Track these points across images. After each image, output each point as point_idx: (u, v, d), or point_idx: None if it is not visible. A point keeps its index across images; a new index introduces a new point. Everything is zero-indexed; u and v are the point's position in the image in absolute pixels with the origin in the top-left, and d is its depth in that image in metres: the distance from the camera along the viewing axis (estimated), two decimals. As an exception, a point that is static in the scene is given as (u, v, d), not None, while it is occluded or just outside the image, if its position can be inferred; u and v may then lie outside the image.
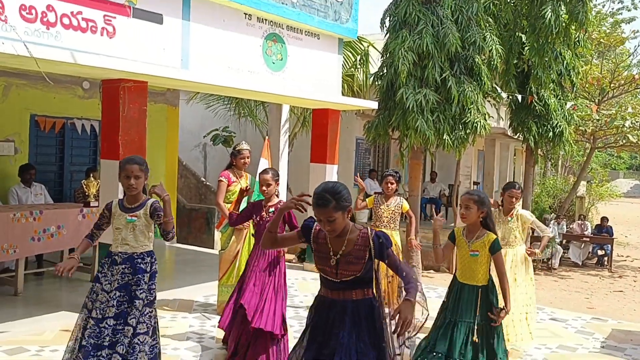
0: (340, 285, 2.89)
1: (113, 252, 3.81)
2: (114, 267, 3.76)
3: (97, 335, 3.61)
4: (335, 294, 2.93)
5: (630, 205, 30.84)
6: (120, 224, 3.80)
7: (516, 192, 5.34)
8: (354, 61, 10.50)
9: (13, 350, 4.77)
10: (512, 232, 5.42)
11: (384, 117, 8.35)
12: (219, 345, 5.14)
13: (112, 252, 3.81)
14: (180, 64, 5.91)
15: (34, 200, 7.48)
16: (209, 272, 7.82)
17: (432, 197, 13.87)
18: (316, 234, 2.95)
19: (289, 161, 8.74)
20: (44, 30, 4.80)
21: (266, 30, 6.87)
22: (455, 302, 4.00)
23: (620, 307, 8.09)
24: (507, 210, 5.42)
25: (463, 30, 8.10)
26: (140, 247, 3.79)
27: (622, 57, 16.83)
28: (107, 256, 3.84)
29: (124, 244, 3.77)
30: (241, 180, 6.12)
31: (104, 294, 3.72)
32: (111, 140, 5.60)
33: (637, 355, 5.51)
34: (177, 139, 10.82)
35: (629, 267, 12.24)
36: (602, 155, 30.35)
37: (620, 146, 13.98)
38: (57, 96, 8.62)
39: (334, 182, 2.96)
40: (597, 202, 17.25)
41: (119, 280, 3.71)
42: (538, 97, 10.05)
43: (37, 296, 6.53)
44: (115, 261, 3.77)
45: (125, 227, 3.78)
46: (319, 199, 2.78)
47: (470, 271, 3.99)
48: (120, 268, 3.73)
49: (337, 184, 2.88)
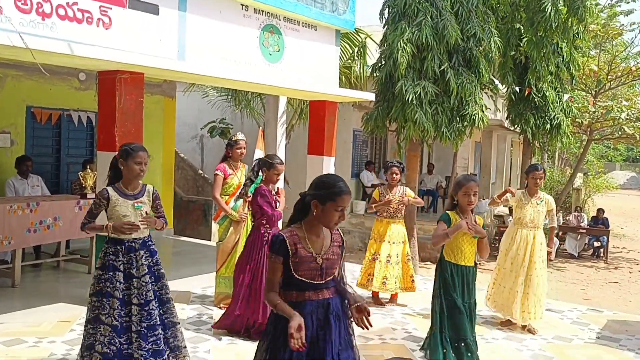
0: (323, 285, 2.86)
1: (126, 239, 3.86)
2: (133, 254, 3.87)
3: (147, 318, 3.83)
4: (316, 294, 2.83)
5: (626, 197, 30.96)
6: (127, 211, 3.84)
7: (539, 174, 5.67)
8: (351, 53, 10.47)
9: (11, 342, 4.78)
10: (540, 215, 5.73)
11: (383, 109, 8.35)
12: (216, 336, 5.15)
13: (124, 239, 3.85)
14: (177, 55, 5.89)
15: (30, 192, 7.47)
16: (207, 264, 7.84)
17: (429, 188, 13.89)
18: (292, 244, 2.79)
19: (286, 153, 8.73)
20: (40, 21, 4.76)
21: (263, 21, 6.83)
22: (461, 285, 4.16)
23: (615, 298, 8.14)
24: (533, 192, 5.73)
25: (463, 22, 8.08)
26: (147, 231, 3.98)
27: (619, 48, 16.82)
28: (117, 244, 3.86)
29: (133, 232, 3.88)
30: (237, 171, 6.11)
31: (136, 280, 3.85)
32: (108, 132, 5.58)
33: (632, 345, 5.56)
34: (174, 130, 10.79)
35: (624, 258, 12.30)
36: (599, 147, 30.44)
37: (616, 138, 14.01)
38: (53, 88, 8.58)
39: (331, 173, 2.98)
40: (593, 194, 17.30)
41: (145, 265, 3.89)
42: (536, 89, 10.06)
43: (35, 288, 6.53)
44: (133, 248, 3.89)
45: (133, 213, 3.86)
46: (346, 188, 2.81)
47: (470, 253, 4.18)
48: (141, 253, 3.89)
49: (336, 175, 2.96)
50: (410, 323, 5.93)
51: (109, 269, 3.84)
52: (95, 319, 3.84)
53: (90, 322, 3.87)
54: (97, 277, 3.88)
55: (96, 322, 3.83)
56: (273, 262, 2.80)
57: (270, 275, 2.81)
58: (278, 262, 2.78)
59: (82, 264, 7.45)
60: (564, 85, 10.80)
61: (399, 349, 5.09)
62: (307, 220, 2.85)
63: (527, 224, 5.74)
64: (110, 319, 3.78)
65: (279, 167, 5.17)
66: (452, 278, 4.16)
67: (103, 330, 3.79)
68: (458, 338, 4.16)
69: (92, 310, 3.86)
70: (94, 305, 3.85)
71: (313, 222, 2.84)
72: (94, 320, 3.85)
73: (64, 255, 7.53)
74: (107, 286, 3.82)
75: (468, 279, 4.20)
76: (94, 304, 3.85)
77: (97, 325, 3.82)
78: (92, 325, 3.85)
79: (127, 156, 3.85)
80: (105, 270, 3.85)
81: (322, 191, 2.77)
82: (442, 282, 4.20)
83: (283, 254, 2.77)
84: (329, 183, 2.80)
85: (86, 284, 6.49)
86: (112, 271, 3.83)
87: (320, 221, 2.83)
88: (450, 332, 4.17)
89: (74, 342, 4.79)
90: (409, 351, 5.03)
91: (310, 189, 2.85)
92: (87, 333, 3.88)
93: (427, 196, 13.81)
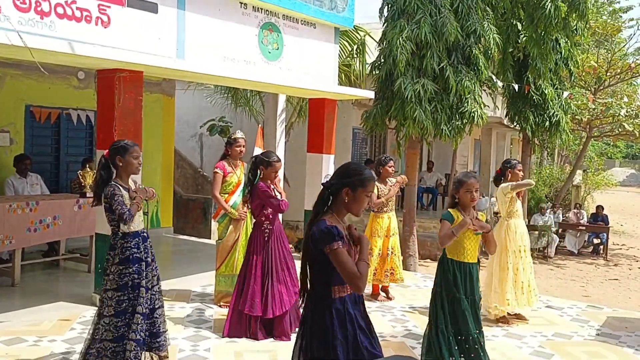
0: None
1: (139, 231, 4.08)
2: (146, 243, 4.12)
3: (149, 300, 4.08)
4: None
5: (626, 194, 30.97)
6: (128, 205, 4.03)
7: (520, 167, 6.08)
8: (350, 51, 10.46)
9: (11, 341, 4.78)
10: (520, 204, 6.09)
11: (382, 106, 8.34)
12: (216, 335, 5.16)
13: (139, 231, 4.07)
14: (176, 54, 5.88)
15: (30, 191, 7.47)
16: (206, 262, 7.84)
17: (428, 186, 13.89)
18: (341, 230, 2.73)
19: (286, 151, 8.73)
20: (38, 20, 4.76)
21: (262, 19, 6.83)
22: (464, 282, 4.19)
23: (615, 295, 8.15)
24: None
25: (462, 19, 8.07)
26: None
27: (618, 45, 16.81)
28: (135, 237, 4.04)
29: (141, 222, 4.13)
30: (237, 170, 6.11)
31: (150, 267, 4.11)
32: (107, 131, 5.58)
33: (631, 342, 5.56)
34: (173, 129, 10.78)
35: (624, 255, 12.31)
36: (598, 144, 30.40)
37: (616, 135, 14.00)
38: (52, 86, 8.57)
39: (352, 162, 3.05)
40: (593, 191, 17.31)
41: (152, 253, 4.17)
42: (535, 87, 10.05)
43: (35, 287, 6.53)
44: (145, 238, 4.14)
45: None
46: (372, 173, 2.85)
47: (472, 250, 4.20)
48: (149, 242, 4.17)
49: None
50: (410, 320, 5.93)
51: (133, 262, 3.97)
52: (124, 311, 3.95)
53: (118, 315, 3.93)
54: (118, 273, 3.96)
55: (127, 313, 3.95)
56: (337, 251, 2.62)
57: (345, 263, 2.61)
58: (342, 247, 2.64)
59: (82, 262, 7.45)
60: (563, 82, 10.79)
61: (399, 347, 5.10)
62: (336, 210, 2.81)
63: (519, 215, 6.03)
64: (141, 307, 3.96)
65: (277, 165, 5.20)
66: (455, 275, 4.16)
67: (136, 319, 3.94)
68: (460, 333, 4.15)
69: (119, 304, 3.94)
70: (121, 299, 3.94)
71: (341, 211, 2.81)
72: (122, 312, 3.94)
73: (64, 254, 7.53)
74: (134, 278, 3.96)
75: (471, 276, 4.21)
76: (121, 297, 3.94)
77: (132, 317, 3.95)
78: (122, 317, 3.94)
79: (124, 152, 3.97)
80: (129, 264, 3.96)
81: (353, 178, 2.77)
82: (445, 280, 4.20)
83: (342, 240, 2.65)
84: (358, 170, 2.82)
85: (86, 283, 6.54)
86: (137, 263, 3.98)
87: (350, 209, 2.79)
88: (453, 327, 4.16)
89: (74, 341, 4.80)
90: (409, 349, 5.04)
91: (335, 177, 2.83)
92: (112, 326, 3.92)
93: (427, 194, 13.81)
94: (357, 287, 2.66)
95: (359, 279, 2.63)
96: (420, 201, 12.75)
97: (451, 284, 4.15)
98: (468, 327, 4.13)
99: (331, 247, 2.63)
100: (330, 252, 2.64)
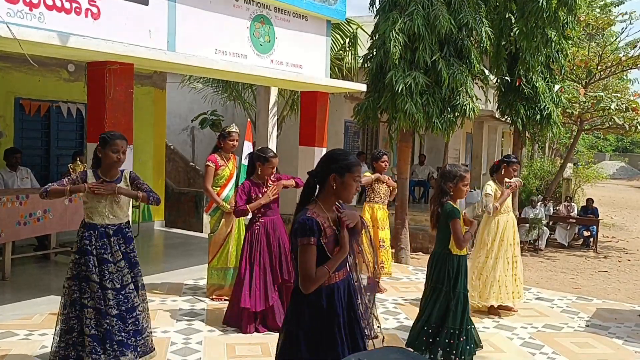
0: (344, 263, 2.78)
1: (100, 224, 3.89)
2: (107, 239, 3.90)
3: (124, 302, 3.89)
4: (343, 273, 2.78)
5: (616, 187, 31.19)
6: (103, 197, 3.87)
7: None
8: (342, 43, 10.43)
9: (2, 335, 4.76)
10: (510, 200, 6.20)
11: (374, 99, 8.33)
12: (208, 327, 5.16)
13: (97, 224, 3.89)
14: (167, 46, 5.84)
15: (20, 184, 7.41)
16: (198, 256, 7.83)
17: (420, 179, 13.91)
18: (321, 223, 2.66)
19: (278, 144, 8.71)
20: (27, 12, 4.70)
21: (253, 11, 6.79)
22: (464, 277, 4.25)
23: (605, 287, 8.22)
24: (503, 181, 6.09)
25: (455, 12, 8.05)
26: (125, 218, 4.02)
27: (609, 39, 16.86)
28: (91, 229, 3.88)
29: (112, 215, 3.92)
30: (229, 163, 6.10)
31: (110, 265, 3.87)
32: (97, 124, 5.53)
33: (621, 333, 5.62)
34: (164, 122, 10.72)
35: (614, 247, 12.40)
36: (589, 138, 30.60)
37: (606, 128, 14.04)
38: (42, 79, 8.49)
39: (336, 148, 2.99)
40: (583, 184, 17.37)
41: (119, 251, 3.93)
42: (526, 80, 10.07)
43: (25, 281, 6.50)
44: (107, 233, 3.91)
45: (109, 199, 3.89)
46: (355, 157, 2.80)
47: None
48: (114, 240, 3.91)
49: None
50: (402, 313, 5.96)
51: (85, 253, 3.86)
52: (74, 303, 3.86)
53: (70, 306, 3.87)
54: (73, 262, 3.91)
55: (77, 305, 3.85)
56: (306, 247, 2.59)
57: (305, 262, 2.58)
58: (312, 244, 2.59)
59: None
60: (554, 75, 10.82)
61: (391, 339, 5.12)
62: (323, 198, 2.74)
63: (507, 211, 6.08)
64: (93, 302, 3.83)
65: (273, 161, 5.28)
66: (458, 271, 4.20)
67: (88, 313, 3.82)
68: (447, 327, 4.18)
69: (70, 294, 3.88)
70: (72, 290, 3.87)
71: (329, 199, 2.74)
72: (73, 304, 3.86)
73: (55, 248, 7.49)
74: (83, 270, 3.86)
75: (466, 269, 4.31)
76: (72, 287, 3.87)
77: (81, 309, 3.84)
78: (73, 308, 3.86)
79: (104, 144, 3.90)
80: (81, 255, 3.88)
81: (339, 164, 2.71)
82: (447, 277, 4.19)
83: (317, 235, 2.61)
84: (342, 155, 2.76)
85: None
86: (88, 255, 3.85)
87: (339, 195, 2.73)
88: (441, 321, 4.19)
89: (65, 335, 4.78)
90: (401, 341, 5.07)
91: (321, 165, 2.76)
92: (66, 317, 3.88)
93: (419, 187, 13.84)
94: (305, 287, 2.62)
95: (310, 282, 2.60)
96: (412, 194, 12.78)
97: (456, 281, 4.18)
98: (456, 322, 4.18)
99: (302, 240, 2.60)
100: (300, 245, 2.61)
